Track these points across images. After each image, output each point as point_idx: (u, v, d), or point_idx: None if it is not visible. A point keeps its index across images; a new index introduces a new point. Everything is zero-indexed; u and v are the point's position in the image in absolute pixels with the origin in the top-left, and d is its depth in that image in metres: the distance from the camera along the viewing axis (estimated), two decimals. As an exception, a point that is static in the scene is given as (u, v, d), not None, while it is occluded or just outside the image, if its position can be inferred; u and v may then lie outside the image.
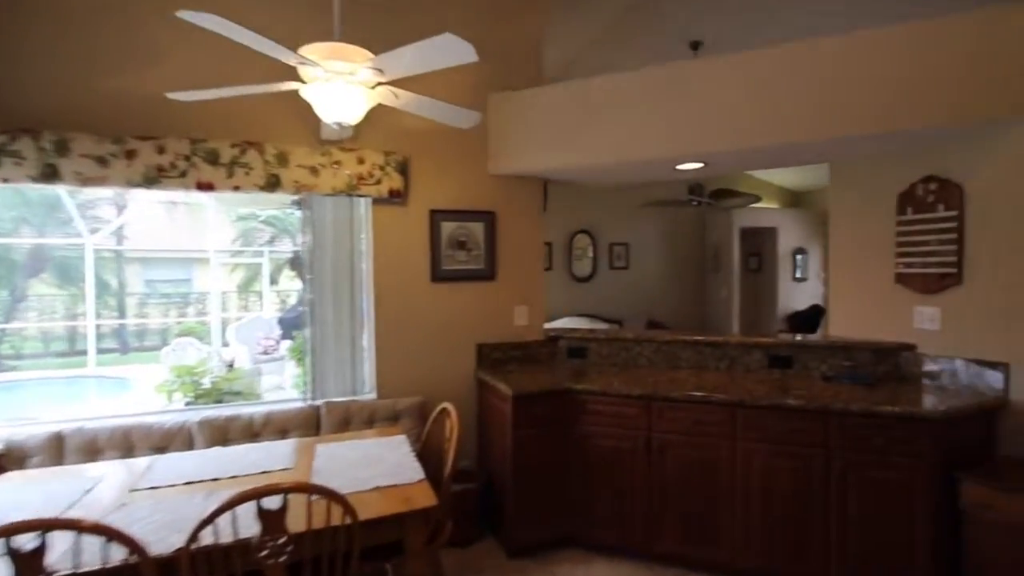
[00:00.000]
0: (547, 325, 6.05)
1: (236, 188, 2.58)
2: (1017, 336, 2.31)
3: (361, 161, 2.82)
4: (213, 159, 2.56)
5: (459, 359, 3.16)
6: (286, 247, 10.25)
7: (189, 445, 2.47)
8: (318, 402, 2.85)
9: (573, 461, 2.73)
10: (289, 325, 7.65)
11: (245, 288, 11.40)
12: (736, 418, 2.43)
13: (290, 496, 1.43)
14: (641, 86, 2.82)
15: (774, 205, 8.97)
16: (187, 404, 4.11)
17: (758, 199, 5.38)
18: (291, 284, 10.56)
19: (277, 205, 7.39)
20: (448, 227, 3.11)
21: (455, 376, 3.14)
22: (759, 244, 8.82)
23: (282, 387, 5.85)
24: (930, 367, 2.62)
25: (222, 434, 2.53)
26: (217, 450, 2.32)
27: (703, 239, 8.66)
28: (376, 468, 1.97)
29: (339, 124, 2.06)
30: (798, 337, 3.03)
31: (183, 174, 2.50)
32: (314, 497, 1.46)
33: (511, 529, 2.70)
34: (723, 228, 8.28)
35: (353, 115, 2.05)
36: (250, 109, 2.58)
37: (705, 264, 8.63)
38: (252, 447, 2.33)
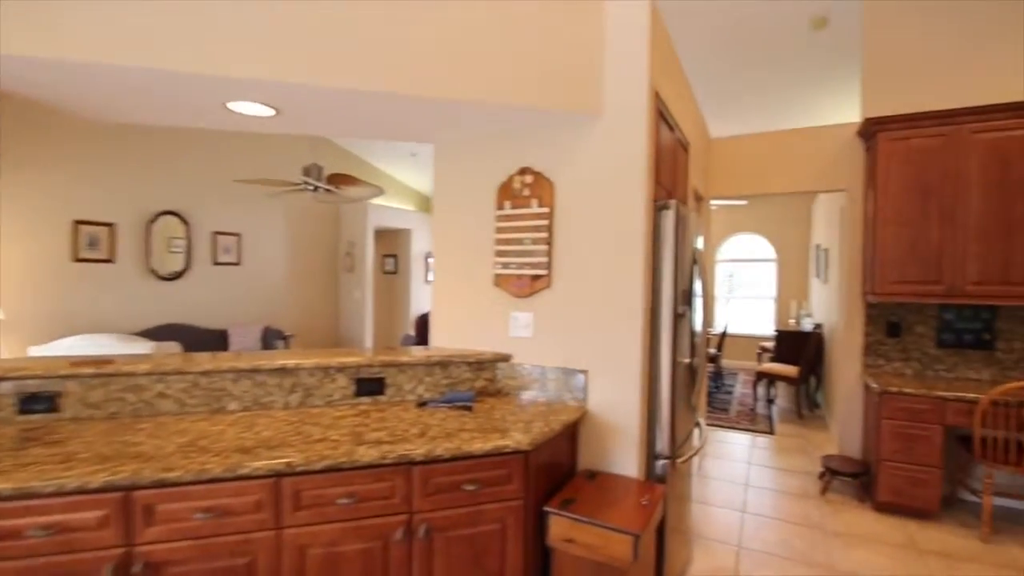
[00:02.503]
0: (70, 340, 4.04)
1: None
2: (591, 342, 2.21)
3: None
4: None
5: None
6: None
7: None
8: None
9: (-49, 643, 1.34)
10: None
11: None
12: (282, 495, 1.55)
13: None
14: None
15: (409, 207, 8.94)
16: None
17: (381, 191, 4.84)
18: None
19: None
20: None
21: None
22: (395, 245, 8.63)
23: None
24: (524, 379, 2.36)
25: None
26: None
27: (337, 236, 7.85)
28: None
29: None
30: (384, 356, 2.41)
31: None
32: None
33: None
34: (358, 226, 7.66)
35: None
36: None
37: (339, 264, 7.84)
38: None
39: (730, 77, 5.32)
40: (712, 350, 6.81)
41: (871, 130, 3.56)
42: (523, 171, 2.36)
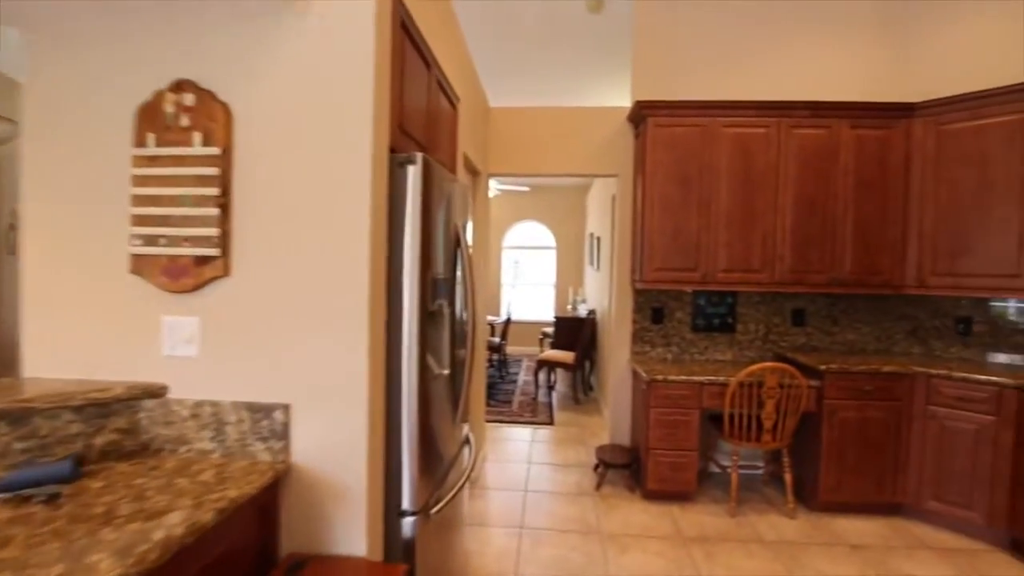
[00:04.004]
0: None
1: None
2: (295, 360, 1.44)
3: None
4: None
5: None
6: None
7: None
8: None
9: None
10: None
11: None
12: None
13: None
14: None
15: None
16: None
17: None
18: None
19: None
20: None
21: None
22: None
23: None
24: (186, 424, 1.47)
25: None
26: None
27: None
28: None
29: None
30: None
31: None
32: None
33: None
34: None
35: None
36: None
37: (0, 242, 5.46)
38: None
39: (511, 53, 5.00)
40: (496, 339, 6.60)
41: (641, 114, 3.48)
42: (179, 86, 1.44)
